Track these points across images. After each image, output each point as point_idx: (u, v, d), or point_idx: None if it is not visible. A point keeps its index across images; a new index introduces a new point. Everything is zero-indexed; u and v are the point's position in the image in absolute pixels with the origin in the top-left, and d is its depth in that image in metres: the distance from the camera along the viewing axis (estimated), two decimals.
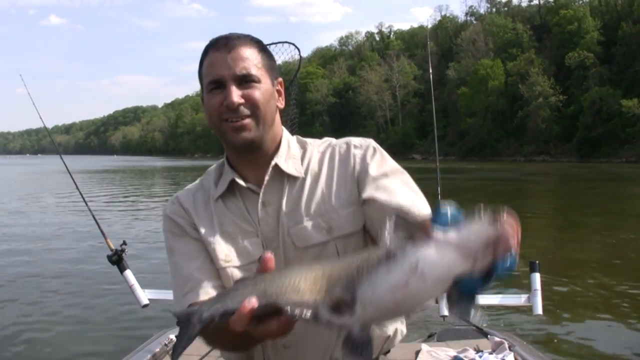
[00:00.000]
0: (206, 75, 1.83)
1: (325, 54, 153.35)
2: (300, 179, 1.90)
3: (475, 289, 1.10)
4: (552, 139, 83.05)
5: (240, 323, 1.25)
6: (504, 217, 1.06)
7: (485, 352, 3.86)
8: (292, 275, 1.25)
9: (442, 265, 1.06)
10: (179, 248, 1.92)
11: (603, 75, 79.42)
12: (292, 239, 1.83)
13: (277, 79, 1.93)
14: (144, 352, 4.08)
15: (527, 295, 3.64)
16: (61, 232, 16.71)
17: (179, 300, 1.85)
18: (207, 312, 1.36)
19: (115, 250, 3.78)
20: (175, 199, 2.00)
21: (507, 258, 1.06)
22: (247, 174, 1.92)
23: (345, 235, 1.84)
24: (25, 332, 7.88)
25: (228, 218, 1.90)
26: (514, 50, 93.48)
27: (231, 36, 1.85)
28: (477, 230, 1.05)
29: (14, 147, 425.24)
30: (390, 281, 1.09)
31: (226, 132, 1.82)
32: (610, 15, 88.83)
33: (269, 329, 1.27)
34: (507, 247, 1.05)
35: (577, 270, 11.51)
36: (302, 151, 1.98)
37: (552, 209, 23.59)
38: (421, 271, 1.06)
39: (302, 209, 1.85)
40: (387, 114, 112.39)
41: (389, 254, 1.10)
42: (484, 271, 1.07)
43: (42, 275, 11.13)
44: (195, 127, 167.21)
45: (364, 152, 1.93)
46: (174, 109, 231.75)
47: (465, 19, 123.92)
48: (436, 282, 1.07)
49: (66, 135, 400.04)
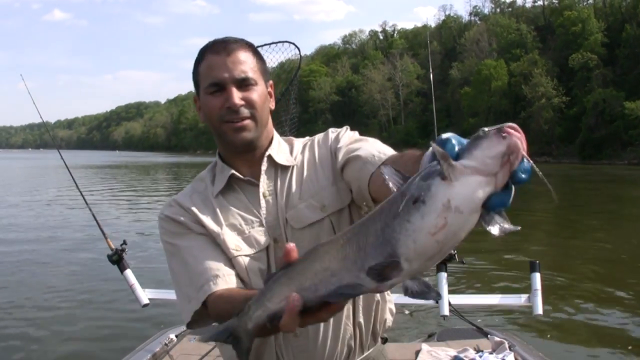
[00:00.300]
0: (205, 77, 1.91)
1: (328, 52, 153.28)
2: (290, 168, 2.03)
3: (505, 202, 1.10)
4: (555, 140, 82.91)
5: (292, 324, 1.24)
6: (508, 128, 1.06)
7: (485, 352, 3.87)
8: (321, 259, 1.22)
9: (471, 193, 1.06)
10: (185, 245, 1.94)
11: (606, 77, 79.23)
12: (290, 222, 1.93)
13: (268, 82, 2.05)
14: (144, 351, 4.09)
15: (527, 295, 3.65)
16: (61, 231, 16.72)
17: (192, 296, 1.86)
18: (251, 323, 1.33)
19: (116, 250, 3.79)
20: (173, 201, 2.06)
21: (523, 164, 1.07)
22: (242, 170, 2.01)
23: (338, 211, 1.95)
24: (25, 332, 7.89)
25: (231, 211, 1.97)
26: (518, 51, 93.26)
27: (229, 40, 1.94)
28: (490, 148, 1.06)
29: (16, 142, 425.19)
30: (428, 226, 1.07)
31: (227, 132, 1.92)
32: (614, 17, 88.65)
33: (321, 318, 1.26)
34: (519, 154, 1.06)
35: (577, 270, 11.53)
36: (290, 147, 2.12)
37: (552, 209, 23.53)
38: (455, 206, 1.06)
39: (295, 194, 1.97)
40: (390, 113, 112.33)
41: (415, 199, 1.09)
42: (506, 183, 1.08)
43: (41, 275, 11.13)
44: (198, 124, 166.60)
45: (338, 132, 2.09)
46: (176, 105, 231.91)
47: (469, 19, 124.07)
48: (471, 212, 1.08)
49: (69, 130, 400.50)
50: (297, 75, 5.07)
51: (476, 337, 4.25)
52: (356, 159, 1.87)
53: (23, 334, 7.79)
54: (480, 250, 12.99)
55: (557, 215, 21.56)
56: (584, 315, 8.45)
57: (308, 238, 1.88)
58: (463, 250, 1.74)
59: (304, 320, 1.25)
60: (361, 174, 1.83)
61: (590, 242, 14.94)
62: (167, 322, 5.85)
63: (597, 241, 15.06)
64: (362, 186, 1.84)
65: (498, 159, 1.06)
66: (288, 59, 4.87)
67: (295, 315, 1.22)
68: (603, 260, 12.44)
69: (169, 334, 4.37)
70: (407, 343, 4.40)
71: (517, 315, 7.81)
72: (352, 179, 1.91)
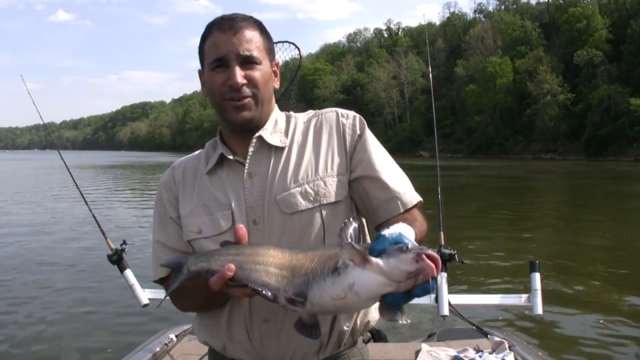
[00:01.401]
0: (210, 53, 1.90)
1: (333, 50, 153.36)
2: (285, 149, 1.97)
3: (399, 303, 1.39)
4: (560, 137, 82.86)
5: (217, 284, 1.57)
6: (426, 255, 1.32)
7: (485, 352, 3.86)
8: (267, 257, 1.56)
9: (372, 287, 1.37)
10: (158, 224, 2.09)
11: (612, 73, 79.11)
12: (280, 205, 1.88)
13: (274, 61, 2.01)
14: (144, 351, 4.09)
15: (527, 295, 3.62)
16: (61, 231, 16.60)
17: (154, 267, 2.07)
18: (194, 267, 1.68)
19: (116, 249, 3.77)
20: (171, 169, 2.13)
21: (426, 284, 1.34)
22: (237, 148, 2.00)
23: (332, 204, 1.91)
24: (24, 331, 7.87)
25: (208, 191, 1.98)
26: (523, 48, 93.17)
27: (236, 17, 1.91)
28: (402, 263, 1.33)
29: (22, 142, 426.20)
30: (333, 292, 1.41)
31: (227, 110, 1.90)
32: (619, 13, 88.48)
33: (235, 293, 1.60)
34: (425, 278, 1.33)
35: (578, 269, 11.48)
36: (287, 124, 2.06)
37: (553, 207, 23.53)
38: (356, 290, 1.38)
39: (289, 177, 1.91)
40: (395, 111, 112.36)
41: (336, 270, 1.41)
42: (406, 291, 1.36)
43: (40, 275, 11.08)
44: (203, 123, 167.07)
45: (352, 122, 2.03)
46: (181, 105, 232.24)
47: (474, 16, 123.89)
48: (367, 299, 1.40)
49: (74, 131, 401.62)
50: (297, 74, 5.06)
51: (476, 337, 4.23)
52: (384, 188, 1.92)
53: (23, 334, 7.77)
54: (481, 250, 12.97)
55: (560, 213, 21.52)
56: (584, 315, 8.41)
57: (296, 225, 1.87)
58: (463, 250, 1.73)
59: (224, 288, 1.58)
60: (381, 206, 1.91)
61: (592, 241, 14.87)
62: (167, 322, 5.85)
63: (600, 239, 14.99)
64: (372, 213, 1.95)
65: (405, 273, 1.34)
66: (293, 58, 4.86)
67: (223, 280, 1.55)
68: (604, 259, 12.37)
69: (169, 334, 4.36)
70: (407, 343, 4.37)
71: (517, 315, 7.79)
72: (362, 195, 1.95)
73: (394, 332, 5.90)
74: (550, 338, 7.36)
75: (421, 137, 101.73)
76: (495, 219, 19.31)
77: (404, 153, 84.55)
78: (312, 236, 1.87)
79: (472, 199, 27.07)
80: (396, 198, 1.90)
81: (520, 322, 7.68)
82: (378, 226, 1.92)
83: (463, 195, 27.45)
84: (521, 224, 18.42)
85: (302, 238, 1.86)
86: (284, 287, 1.50)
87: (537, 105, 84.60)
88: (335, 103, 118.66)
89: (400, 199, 1.90)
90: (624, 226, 17.29)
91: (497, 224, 18.28)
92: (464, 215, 19.34)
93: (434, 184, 4.07)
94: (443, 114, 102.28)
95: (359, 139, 1.99)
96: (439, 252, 3.77)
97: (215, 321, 1.98)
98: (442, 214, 3.80)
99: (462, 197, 26.12)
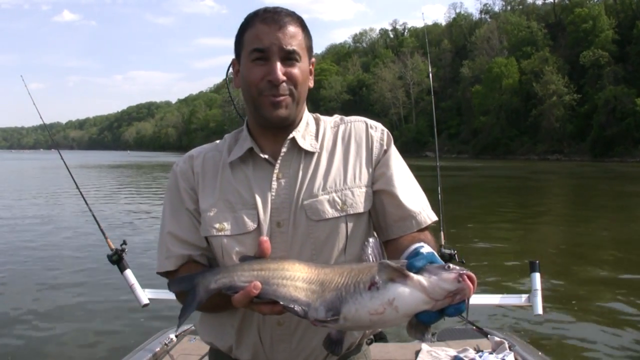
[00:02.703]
0: (251, 43, 1.83)
1: (339, 51, 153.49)
2: (315, 154, 1.93)
3: (431, 321, 1.39)
4: (566, 137, 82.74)
5: (243, 301, 1.52)
6: (466, 276, 1.34)
7: (485, 352, 3.85)
8: (293, 271, 1.51)
9: (412, 303, 1.36)
10: (170, 213, 1.98)
11: (618, 74, 78.98)
12: (306, 211, 1.85)
13: (312, 59, 1.98)
14: (144, 351, 4.08)
15: (527, 295, 3.62)
16: (61, 231, 16.58)
17: (161, 259, 1.95)
18: (214, 284, 1.58)
19: (116, 249, 3.77)
20: (189, 157, 2.03)
21: (461, 304, 1.36)
22: (265, 146, 1.94)
23: (357, 214, 1.88)
24: (24, 331, 7.87)
25: (231, 186, 1.91)
26: (529, 49, 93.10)
27: (281, 12, 1.85)
28: (444, 282, 1.34)
29: (28, 142, 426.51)
30: (370, 307, 1.38)
31: (263, 105, 1.84)
32: (625, 14, 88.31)
33: (262, 310, 1.54)
34: (462, 298, 1.35)
35: (578, 269, 11.47)
36: (317, 127, 2.02)
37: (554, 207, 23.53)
38: (396, 305, 1.36)
39: (318, 184, 1.88)
40: (401, 112, 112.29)
41: (374, 285, 1.39)
42: (440, 310, 1.37)
43: (40, 275, 11.08)
44: (209, 123, 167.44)
45: (380, 135, 2.00)
46: (187, 105, 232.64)
47: (480, 16, 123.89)
48: (405, 314, 1.37)
49: (80, 131, 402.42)
50: None
51: (476, 337, 4.22)
52: (400, 206, 1.90)
53: (22, 334, 7.78)
54: (481, 250, 12.98)
55: (561, 213, 21.51)
56: (584, 315, 8.40)
57: (321, 232, 1.84)
58: (463, 250, 1.74)
59: (251, 304, 1.53)
60: (396, 223, 1.90)
61: (593, 241, 14.87)
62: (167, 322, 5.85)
63: (601, 240, 15.01)
64: (385, 228, 1.93)
65: (445, 292, 1.34)
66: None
67: (249, 297, 1.50)
68: (605, 260, 12.35)
69: (169, 334, 4.35)
70: (407, 343, 4.36)
71: (517, 315, 7.78)
72: (378, 209, 1.94)
73: (394, 332, 5.89)
74: (550, 338, 7.36)
75: (427, 138, 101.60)
76: (496, 219, 19.33)
77: (409, 154, 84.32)
78: (335, 245, 1.85)
79: (473, 199, 27.06)
80: (411, 217, 1.89)
81: (520, 322, 7.67)
82: (388, 242, 1.90)
83: (464, 195, 27.42)
84: (522, 224, 18.44)
85: (325, 245, 1.84)
86: (314, 302, 1.46)
87: (542, 106, 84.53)
88: (340, 103, 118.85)
89: (415, 218, 1.89)
90: (626, 227, 17.28)
91: (498, 223, 18.30)
92: (465, 215, 19.36)
93: (435, 183, 4.06)
94: (449, 115, 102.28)
95: (384, 154, 1.97)
96: (440, 252, 3.77)
97: (224, 321, 1.95)
98: (442, 213, 3.79)
99: (462, 197, 26.09)
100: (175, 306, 1.83)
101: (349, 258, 1.84)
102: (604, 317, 8.23)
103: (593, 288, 10.00)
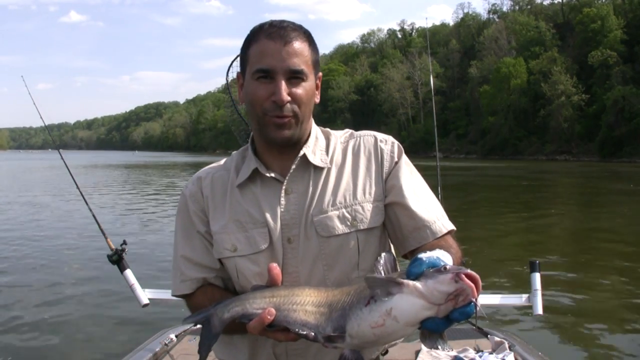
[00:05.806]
0: (256, 61, 1.79)
1: (347, 51, 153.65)
2: (325, 169, 1.92)
3: (439, 329, 1.33)
4: (574, 138, 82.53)
5: (257, 329, 1.54)
6: (465, 275, 1.28)
7: (485, 352, 3.83)
8: (303, 296, 1.54)
9: (411, 311, 1.32)
10: (183, 237, 1.99)
11: (626, 74, 78.62)
12: (316, 228, 1.84)
13: (318, 74, 1.95)
14: (144, 351, 4.07)
15: (527, 295, 3.60)
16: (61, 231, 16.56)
17: (175, 282, 1.97)
18: (227, 314, 1.62)
19: (116, 249, 3.77)
20: (197, 179, 2.03)
21: (466, 307, 1.29)
22: (272, 163, 1.93)
23: (367, 230, 1.86)
24: (24, 331, 7.87)
25: (240, 206, 1.91)
26: (537, 49, 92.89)
27: (287, 27, 1.81)
28: (441, 284, 1.29)
29: (36, 142, 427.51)
30: (370, 320, 1.37)
31: (268, 125, 1.82)
32: (634, 14, 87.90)
33: (277, 338, 1.56)
34: (465, 299, 1.28)
35: (578, 269, 11.44)
36: (327, 141, 2.00)
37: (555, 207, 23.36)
38: (394, 315, 1.33)
39: (327, 199, 1.87)
40: (409, 112, 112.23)
41: (372, 298, 1.38)
42: (446, 315, 1.31)
43: (40, 275, 11.06)
44: (217, 124, 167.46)
45: (390, 148, 1.99)
46: (195, 105, 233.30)
47: (488, 16, 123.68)
48: (406, 324, 1.34)
49: (88, 131, 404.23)
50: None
51: (476, 337, 4.20)
52: (413, 216, 1.87)
53: (22, 334, 7.77)
54: (481, 250, 12.94)
55: (562, 213, 21.34)
56: (584, 315, 8.38)
57: (332, 248, 1.83)
58: (463, 250, 1.73)
59: (264, 331, 1.55)
60: (411, 234, 1.87)
61: (593, 241, 14.80)
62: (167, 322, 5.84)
63: (601, 240, 14.91)
64: (401, 240, 1.90)
65: (444, 295, 1.29)
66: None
67: (264, 323, 1.51)
68: (605, 260, 12.32)
69: (169, 334, 4.34)
70: (407, 343, 4.33)
71: (517, 315, 7.77)
72: (394, 222, 1.91)
73: None
74: (550, 338, 7.34)
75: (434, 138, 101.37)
76: (497, 219, 19.30)
77: (418, 154, 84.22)
78: (347, 260, 1.84)
79: (474, 198, 27.02)
80: (425, 227, 1.85)
81: (520, 322, 7.66)
82: (407, 254, 1.89)
83: (465, 195, 27.38)
84: (522, 224, 18.39)
85: (336, 261, 1.83)
86: (322, 323, 1.48)
87: (551, 106, 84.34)
88: (348, 103, 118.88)
89: (429, 227, 1.85)
90: (628, 227, 17.20)
91: (498, 223, 18.27)
92: (465, 215, 19.35)
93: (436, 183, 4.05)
94: (457, 115, 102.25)
95: (394, 165, 1.95)
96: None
97: (237, 337, 1.94)
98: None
99: (463, 197, 26.06)
100: (176, 306, 1.83)
101: (362, 274, 1.83)
102: (604, 317, 8.22)
103: (594, 288, 9.97)
